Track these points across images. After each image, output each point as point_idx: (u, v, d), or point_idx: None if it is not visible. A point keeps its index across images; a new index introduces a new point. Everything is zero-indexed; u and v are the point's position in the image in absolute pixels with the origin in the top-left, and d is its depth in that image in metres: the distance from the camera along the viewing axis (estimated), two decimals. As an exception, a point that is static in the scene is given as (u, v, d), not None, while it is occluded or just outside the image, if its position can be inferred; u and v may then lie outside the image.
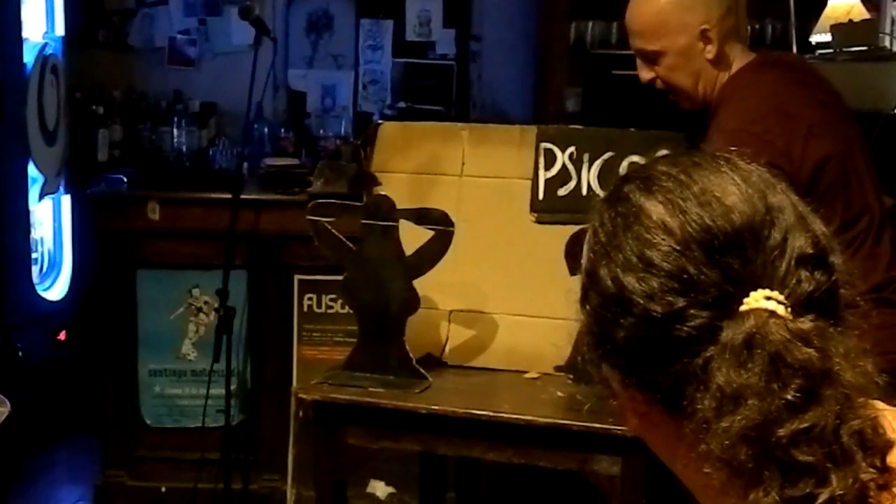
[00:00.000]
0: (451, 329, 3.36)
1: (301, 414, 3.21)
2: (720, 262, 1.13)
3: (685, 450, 1.13)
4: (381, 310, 3.15)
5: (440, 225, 3.09)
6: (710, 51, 2.89)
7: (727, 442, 1.09)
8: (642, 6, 2.96)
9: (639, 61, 3.00)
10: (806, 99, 2.87)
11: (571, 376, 3.12)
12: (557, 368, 3.17)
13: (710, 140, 2.73)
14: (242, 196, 4.51)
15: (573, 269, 3.07)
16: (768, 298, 1.11)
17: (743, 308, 1.11)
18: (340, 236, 3.19)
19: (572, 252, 3.06)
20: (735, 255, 1.13)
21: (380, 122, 3.58)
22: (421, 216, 3.14)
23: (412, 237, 3.15)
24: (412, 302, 3.15)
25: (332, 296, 4.55)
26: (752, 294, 1.11)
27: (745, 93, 2.86)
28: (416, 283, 3.15)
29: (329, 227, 3.19)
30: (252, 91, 4.47)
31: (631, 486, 2.87)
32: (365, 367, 3.16)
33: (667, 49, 2.91)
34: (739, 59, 2.94)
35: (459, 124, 3.61)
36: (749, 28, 5.36)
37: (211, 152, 5.84)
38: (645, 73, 2.99)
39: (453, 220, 3.13)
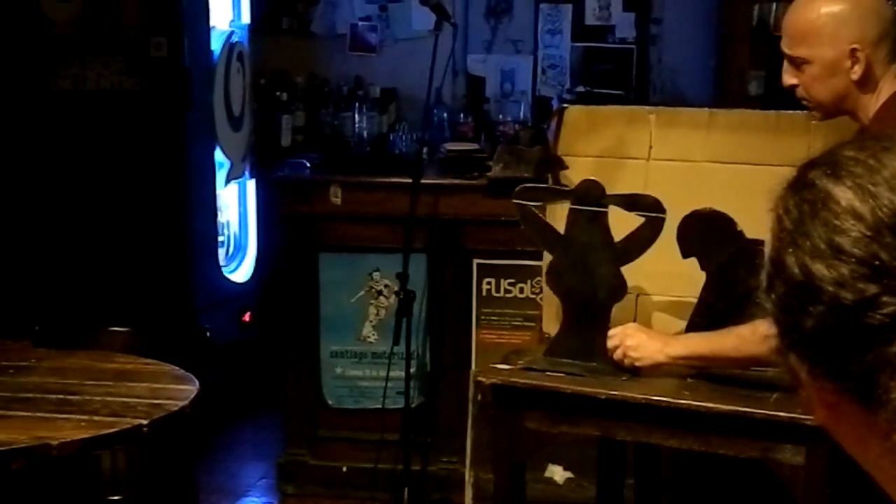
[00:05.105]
0: (638, 316, 3.33)
1: (480, 397, 3.23)
2: (913, 247, 1.10)
3: (878, 440, 1.10)
4: (587, 296, 3.12)
5: (652, 211, 3.06)
6: (857, 71, 2.80)
7: (926, 431, 1.06)
8: (799, 10, 2.93)
9: (785, 64, 2.94)
10: None
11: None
12: (692, 378, 3.10)
13: None
14: (422, 181, 4.54)
15: (685, 251, 3.04)
16: (965, 285, 1.08)
17: (939, 295, 1.08)
18: (547, 221, 3.18)
19: (684, 234, 3.03)
20: (929, 240, 1.10)
21: (565, 105, 3.57)
22: (631, 202, 3.10)
23: (617, 223, 3.13)
24: (619, 288, 3.11)
25: (511, 280, 4.57)
26: (949, 281, 1.08)
27: None
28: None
29: (536, 211, 3.18)
30: (432, 76, 4.51)
31: (815, 475, 2.82)
32: (568, 353, 3.14)
33: (812, 58, 2.84)
34: (888, 83, 2.84)
35: (646, 108, 3.58)
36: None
37: (391, 137, 5.91)
38: (788, 78, 2.92)
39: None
